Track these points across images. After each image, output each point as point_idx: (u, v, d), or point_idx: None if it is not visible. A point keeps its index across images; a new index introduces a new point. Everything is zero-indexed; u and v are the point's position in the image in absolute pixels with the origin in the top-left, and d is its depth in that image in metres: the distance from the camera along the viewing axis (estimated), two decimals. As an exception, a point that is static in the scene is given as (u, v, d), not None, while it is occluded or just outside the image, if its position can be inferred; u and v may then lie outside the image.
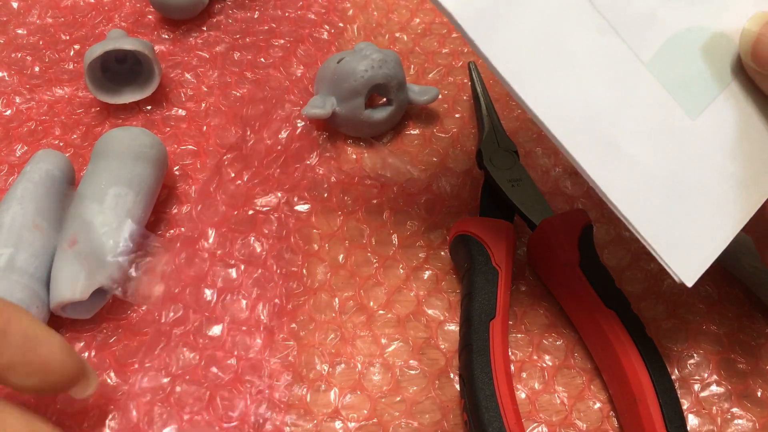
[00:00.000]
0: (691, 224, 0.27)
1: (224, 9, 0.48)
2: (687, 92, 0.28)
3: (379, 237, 0.37)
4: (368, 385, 0.32)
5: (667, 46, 0.27)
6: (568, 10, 0.27)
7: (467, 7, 0.26)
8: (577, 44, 0.27)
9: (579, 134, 0.26)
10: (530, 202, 0.35)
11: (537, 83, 0.26)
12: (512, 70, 0.26)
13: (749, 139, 0.28)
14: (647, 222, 0.27)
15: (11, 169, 0.40)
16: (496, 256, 0.32)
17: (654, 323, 0.34)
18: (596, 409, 0.32)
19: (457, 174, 0.40)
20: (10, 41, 0.46)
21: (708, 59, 0.28)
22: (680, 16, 0.28)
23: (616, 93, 0.27)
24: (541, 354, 0.33)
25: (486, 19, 0.26)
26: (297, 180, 0.39)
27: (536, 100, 0.26)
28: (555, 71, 0.27)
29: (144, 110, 0.43)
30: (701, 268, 0.28)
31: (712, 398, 0.32)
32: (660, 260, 0.27)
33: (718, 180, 0.28)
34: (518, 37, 0.26)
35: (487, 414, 0.28)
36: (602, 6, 0.27)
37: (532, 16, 0.26)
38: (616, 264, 0.36)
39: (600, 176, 0.27)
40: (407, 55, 0.46)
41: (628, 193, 0.27)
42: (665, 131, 0.27)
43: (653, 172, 0.27)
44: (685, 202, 0.27)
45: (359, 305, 0.35)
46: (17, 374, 0.25)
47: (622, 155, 0.27)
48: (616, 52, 0.27)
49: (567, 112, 0.26)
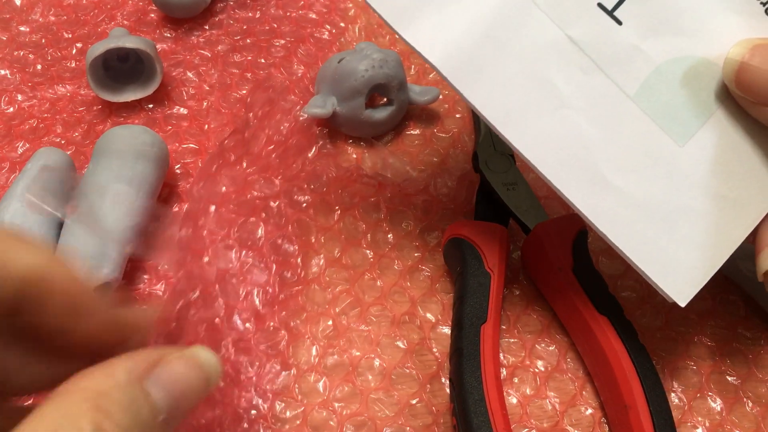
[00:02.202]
0: (682, 247, 0.28)
1: (226, 8, 0.48)
2: (674, 121, 0.28)
3: (374, 235, 0.38)
4: (360, 380, 0.33)
5: (652, 77, 0.28)
6: (549, 54, 0.28)
7: (450, 60, 0.27)
8: (561, 84, 0.28)
9: (565, 170, 0.28)
10: (525, 207, 0.35)
11: (521, 125, 0.27)
12: (496, 114, 0.27)
13: (740, 161, 0.28)
14: (637, 248, 0.28)
15: (13, 167, 0.40)
16: (488, 260, 0.32)
17: (648, 331, 0.34)
18: (588, 415, 0.32)
19: (454, 176, 0.40)
20: (12, 39, 0.46)
21: (694, 87, 0.28)
22: (664, 47, 0.28)
23: (602, 127, 0.28)
24: (533, 359, 0.33)
25: (469, 69, 0.27)
26: (296, 172, 0.39)
27: (522, 140, 0.27)
28: (539, 112, 0.28)
29: (146, 108, 0.43)
30: (695, 289, 0.28)
31: (702, 408, 0.32)
32: (652, 283, 0.28)
33: (709, 202, 0.28)
34: (501, 84, 0.27)
35: (475, 419, 0.28)
36: (586, 45, 0.28)
37: (515, 63, 0.27)
38: (610, 271, 0.36)
39: (588, 208, 0.28)
40: (408, 55, 0.46)
41: (618, 223, 0.28)
42: (653, 160, 0.28)
43: (641, 201, 0.28)
44: (675, 226, 0.28)
45: (353, 300, 0.35)
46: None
47: (609, 187, 0.28)
48: (601, 89, 0.28)
49: (553, 150, 0.28)
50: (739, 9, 0.28)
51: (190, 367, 0.22)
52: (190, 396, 0.22)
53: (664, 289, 0.28)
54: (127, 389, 0.20)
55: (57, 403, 0.19)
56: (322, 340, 0.34)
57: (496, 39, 0.27)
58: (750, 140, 0.28)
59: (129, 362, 0.21)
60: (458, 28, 0.27)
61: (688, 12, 0.28)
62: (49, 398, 0.19)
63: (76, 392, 0.19)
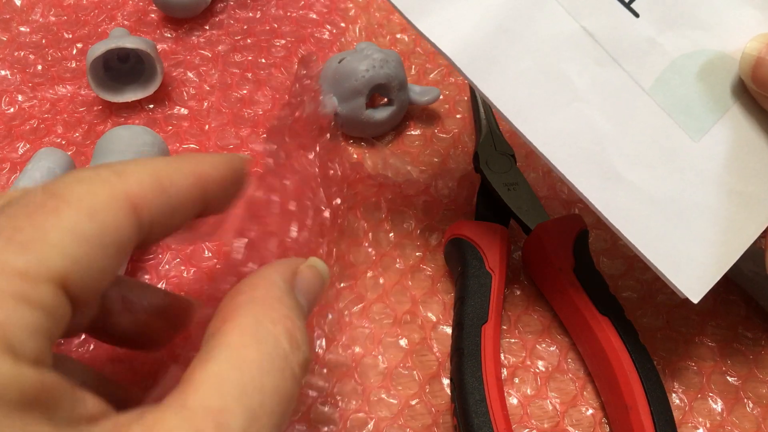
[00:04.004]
0: (696, 243, 0.28)
1: (226, 8, 0.48)
2: (689, 115, 0.27)
3: (376, 235, 0.38)
4: (361, 377, 0.33)
5: (668, 71, 0.27)
6: (564, 46, 0.27)
7: (464, 51, 0.27)
8: (576, 77, 0.27)
9: (579, 164, 0.27)
10: (526, 207, 0.35)
11: (536, 118, 0.27)
12: (511, 107, 0.27)
13: (756, 157, 0.28)
14: (650, 244, 0.27)
15: (13, 167, 0.40)
16: (489, 260, 0.32)
17: (648, 332, 0.34)
18: (588, 416, 0.32)
19: (455, 176, 0.40)
20: (12, 39, 0.46)
21: (709, 81, 0.28)
22: (680, 41, 0.28)
23: (616, 121, 0.27)
24: (534, 359, 0.33)
25: (483, 61, 0.27)
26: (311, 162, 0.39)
27: (536, 133, 0.27)
28: (554, 105, 0.27)
29: (146, 109, 0.43)
30: (708, 285, 0.28)
31: (703, 409, 0.32)
32: (665, 279, 0.27)
33: (724, 198, 0.28)
34: (515, 76, 0.27)
35: (476, 419, 0.28)
36: (601, 37, 0.27)
37: (529, 55, 0.27)
38: (611, 272, 0.36)
39: (601, 202, 0.27)
40: (408, 55, 0.46)
41: (630, 218, 0.27)
42: (667, 155, 0.27)
43: (655, 196, 0.27)
44: (689, 222, 0.28)
45: (356, 296, 0.35)
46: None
47: (623, 182, 0.27)
48: (616, 82, 0.27)
49: (567, 144, 0.27)
50: (756, 3, 0.28)
51: (315, 275, 0.24)
52: (316, 299, 0.25)
53: (677, 285, 0.27)
54: (292, 296, 0.22)
55: (247, 314, 0.20)
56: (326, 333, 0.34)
57: (511, 30, 0.27)
58: (765, 136, 0.28)
59: (281, 273, 0.23)
60: (473, 20, 0.27)
61: (705, 5, 0.27)
62: (223, 315, 0.20)
63: (253, 303, 0.21)
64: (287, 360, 0.19)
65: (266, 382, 0.18)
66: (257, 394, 0.18)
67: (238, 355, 0.19)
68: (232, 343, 0.19)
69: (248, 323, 0.20)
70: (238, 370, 0.18)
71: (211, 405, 0.17)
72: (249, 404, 0.18)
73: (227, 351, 0.19)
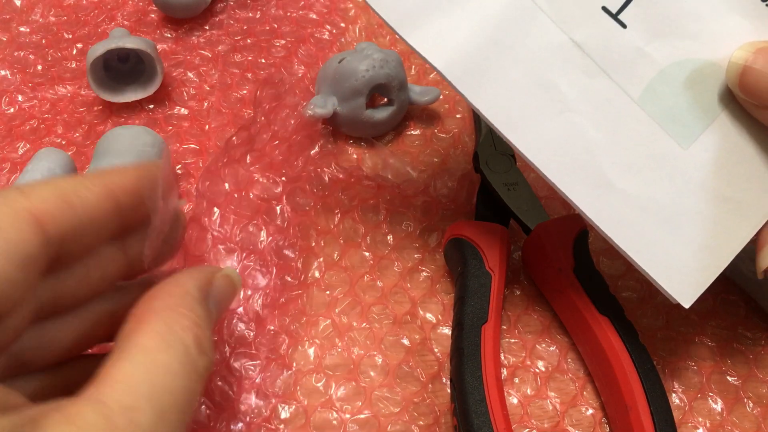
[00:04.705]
0: (686, 249, 0.28)
1: (226, 8, 0.48)
2: (678, 123, 0.28)
3: (374, 237, 0.38)
4: (362, 378, 0.33)
5: (656, 80, 0.28)
6: (553, 58, 0.28)
7: (455, 64, 0.27)
8: (565, 88, 0.28)
9: (571, 173, 0.28)
10: (526, 207, 0.35)
11: (526, 128, 0.27)
12: (502, 118, 0.27)
13: (744, 163, 0.28)
14: (641, 250, 0.28)
15: (14, 167, 0.40)
16: (489, 260, 0.32)
17: (648, 332, 0.34)
18: (588, 416, 0.32)
19: (455, 176, 0.40)
20: (12, 39, 0.46)
21: (698, 90, 0.28)
22: (668, 50, 0.28)
23: (606, 131, 0.28)
24: (534, 359, 0.33)
25: (473, 74, 0.27)
26: (298, 171, 0.39)
27: (526, 144, 0.28)
28: (544, 116, 0.28)
29: (146, 109, 0.43)
30: (699, 290, 0.28)
31: (703, 409, 0.32)
32: (656, 284, 0.28)
33: (713, 204, 0.28)
34: (506, 88, 0.27)
35: (476, 419, 0.28)
36: (590, 49, 0.28)
37: (519, 67, 0.27)
38: (611, 272, 0.36)
39: (593, 210, 0.28)
40: (408, 55, 0.45)
41: (622, 225, 0.28)
42: (657, 163, 0.28)
43: (645, 203, 0.28)
44: (679, 228, 0.28)
45: (353, 300, 0.35)
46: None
47: (613, 189, 0.28)
48: (606, 92, 0.28)
49: (558, 154, 0.28)
50: (743, 11, 0.28)
51: (228, 284, 0.26)
52: (227, 306, 0.27)
53: (669, 291, 0.28)
54: (203, 305, 0.24)
55: (160, 320, 0.22)
56: (323, 341, 0.34)
57: (501, 43, 0.27)
58: (754, 143, 0.28)
59: (195, 280, 0.24)
60: (463, 33, 0.27)
61: (692, 15, 0.28)
62: (138, 317, 0.22)
63: (167, 310, 0.22)
64: (194, 364, 0.21)
65: (175, 384, 0.20)
66: (166, 394, 0.20)
67: (151, 358, 0.20)
68: (146, 346, 0.21)
69: (161, 329, 0.21)
70: (150, 372, 0.20)
71: (125, 402, 0.19)
72: (158, 403, 0.19)
73: (141, 354, 0.20)
